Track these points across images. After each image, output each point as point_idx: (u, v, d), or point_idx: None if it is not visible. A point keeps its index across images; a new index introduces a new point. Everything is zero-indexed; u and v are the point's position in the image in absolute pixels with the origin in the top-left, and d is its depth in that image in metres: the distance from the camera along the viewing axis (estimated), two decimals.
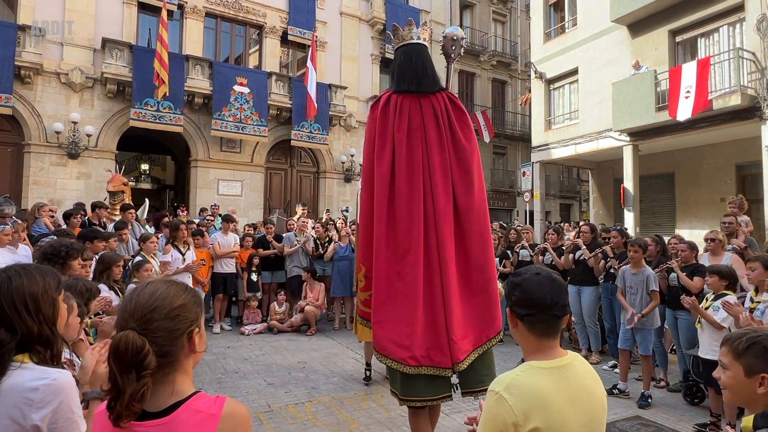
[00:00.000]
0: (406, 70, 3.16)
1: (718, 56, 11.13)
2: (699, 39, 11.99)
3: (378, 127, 3.15)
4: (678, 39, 12.33)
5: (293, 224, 8.61)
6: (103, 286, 3.73)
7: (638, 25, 12.78)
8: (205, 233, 7.48)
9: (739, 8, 10.87)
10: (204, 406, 1.06)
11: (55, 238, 4.03)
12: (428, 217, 2.99)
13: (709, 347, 3.82)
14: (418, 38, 3.22)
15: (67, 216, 6.48)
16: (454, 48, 3.33)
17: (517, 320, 1.40)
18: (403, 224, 2.98)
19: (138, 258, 4.94)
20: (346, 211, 12.18)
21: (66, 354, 1.95)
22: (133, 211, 7.09)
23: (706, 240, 5.05)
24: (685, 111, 10.34)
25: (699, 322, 4.01)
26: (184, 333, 1.10)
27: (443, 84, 3.25)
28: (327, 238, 8.39)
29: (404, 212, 2.99)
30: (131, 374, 1.00)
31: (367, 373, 5.06)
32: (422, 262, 2.93)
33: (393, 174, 3.06)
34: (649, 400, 4.58)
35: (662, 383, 5.14)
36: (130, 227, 6.45)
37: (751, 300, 3.66)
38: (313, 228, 8.64)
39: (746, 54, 10.50)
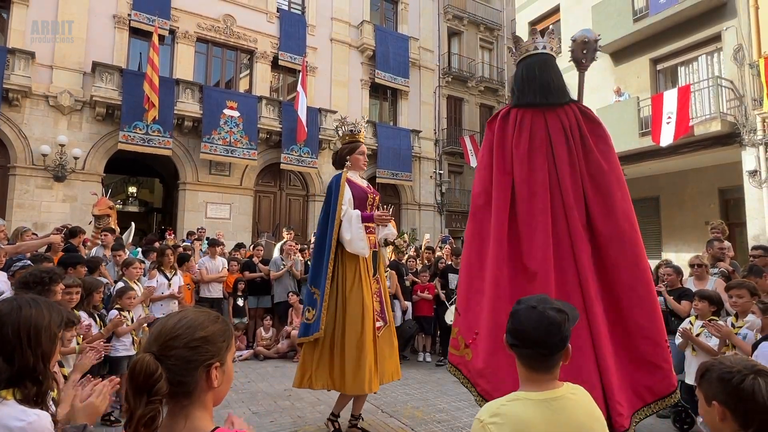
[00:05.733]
0: (529, 83, 2.80)
1: (698, 84, 11.46)
2: (679, 67, 12.36)
3: (496, 144, 2.77)
4: (659, 67, 12.70)
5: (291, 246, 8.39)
6: (82, 313, 3.65)
7: (621, 53, 13.16)
8: (191, 258, 7.38)
9: (716, 38, 11.27)
10: None
11: (30, 263, 3.94)
12: (561, 241, 2.53)
13: None
14: (544, 48, 2.83)
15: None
16: (585, 53, 2.87)
17: (509, 347, 1.43)
18: (526, 247, 2.57)
19: (120, 284, 4.85)
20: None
21: None
22: (110, 234, 6.92)
23: (691, 265, 5.08)
24: (667, 137, 10.60)
25: (694, 349, 3.99)
26: (201, 366, 1.08)
27: (574, 97, 2.84)
28: None
29: (526, 235, 2.58)
30: (142, 397, 1.01)
31: (336, 425, 4.01)
32: (553, 289, 2.44)
33: (513, 198, 2.67)
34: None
35: None
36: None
37: (733, 325, 3.68)
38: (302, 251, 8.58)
39: (725, 82, 10.83)
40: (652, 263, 5.90)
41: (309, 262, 4.23)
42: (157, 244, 7.42)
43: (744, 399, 1.24)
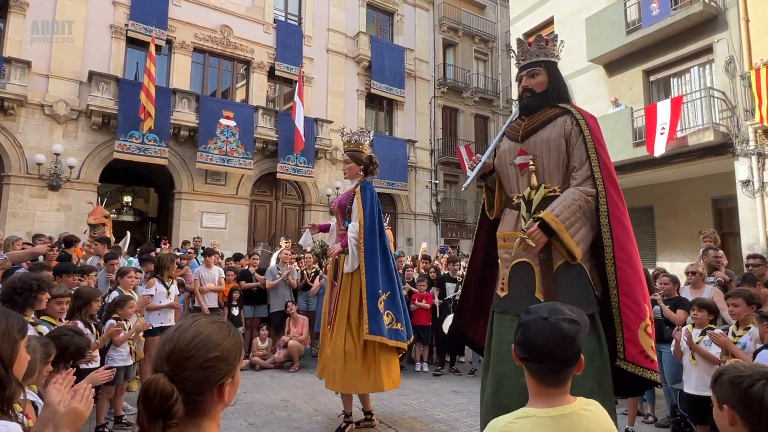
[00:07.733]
0: None
1: (691, 95, 11.60)
2: (672, 78, 12.51)
3: None
4: (652, 78, 12.85)
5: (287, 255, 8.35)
6: (78, 323, 3.62)
7: (614, 65, 13.31)
8: (186, 268, 7.34)
9: (708, 50, 11.43)
10: None
11: (25, 270, 3.91)
12: None
13: (701, 383, 3.76)
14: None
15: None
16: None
17: (518, 360, 1.37)
18: None
19: (115, 293, 4.81)
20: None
21: (31, 395, 1.87)
22: (99, 243, 6.86)
23: (687, 273, 5.11)
24: (660, 147, 10.71)
25: (693, 357, 3.98)
26: (215, 384, 1.06)
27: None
28: (314, 270, 8.28)
29: None
30: (158, 422, 0.97)
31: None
32: None
33: None
34: None
35: (650, 418, 5.09)
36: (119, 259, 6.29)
37: (733, 334, 3.69)
38: (299, 260, 8.55)
39: (717, 93, 10.97)
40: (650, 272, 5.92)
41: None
42: (153, 254, 7.36)
43: (753, 404, 1.24)
